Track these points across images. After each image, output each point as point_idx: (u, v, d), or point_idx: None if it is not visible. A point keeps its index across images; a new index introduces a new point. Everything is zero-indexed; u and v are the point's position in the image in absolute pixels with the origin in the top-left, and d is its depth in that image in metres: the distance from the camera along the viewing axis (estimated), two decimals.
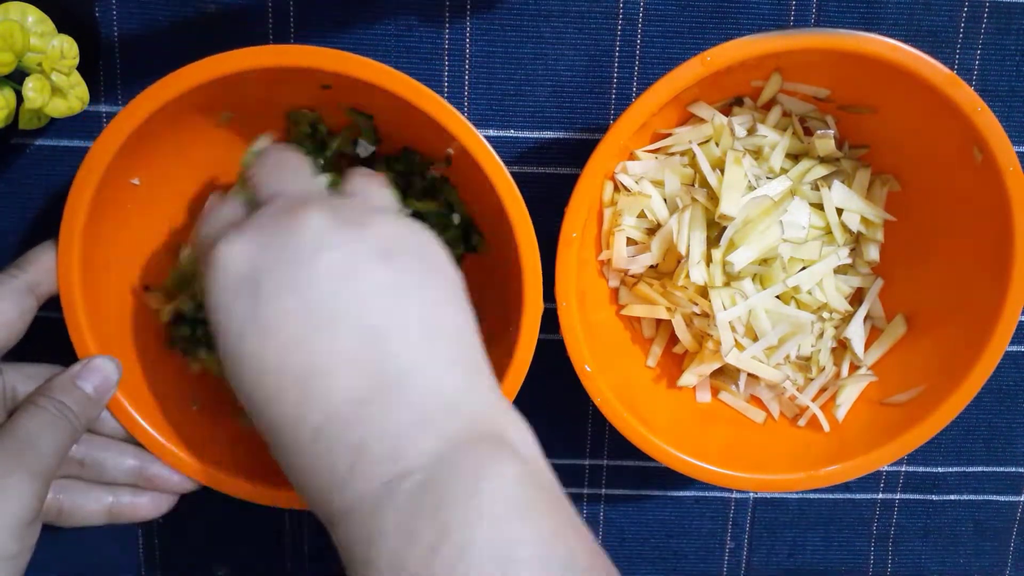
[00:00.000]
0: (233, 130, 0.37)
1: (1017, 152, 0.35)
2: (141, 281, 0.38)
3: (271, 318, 0.27)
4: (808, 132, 0.39)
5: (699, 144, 0.38)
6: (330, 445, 0.26)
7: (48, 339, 0.36)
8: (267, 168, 0.32)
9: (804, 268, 0.38)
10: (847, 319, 0.40)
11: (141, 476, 0.36)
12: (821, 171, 0.38)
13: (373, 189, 0.32)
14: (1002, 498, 0.47)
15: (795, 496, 0.46)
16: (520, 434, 0.27)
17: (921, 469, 0.46)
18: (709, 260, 0.37)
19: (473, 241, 0.40)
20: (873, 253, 0.40)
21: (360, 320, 0.27)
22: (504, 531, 0.24)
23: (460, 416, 0.26)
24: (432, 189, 0.39)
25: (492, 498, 0.24)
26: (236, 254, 0.28)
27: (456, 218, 0.39)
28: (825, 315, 0.39)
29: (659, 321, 0.41)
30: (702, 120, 0.38)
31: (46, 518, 0.35)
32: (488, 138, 0.34)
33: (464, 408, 0.27)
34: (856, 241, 0.40)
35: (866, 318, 0.41)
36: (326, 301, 0.27)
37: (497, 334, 0.37)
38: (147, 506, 0.37)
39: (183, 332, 0.39)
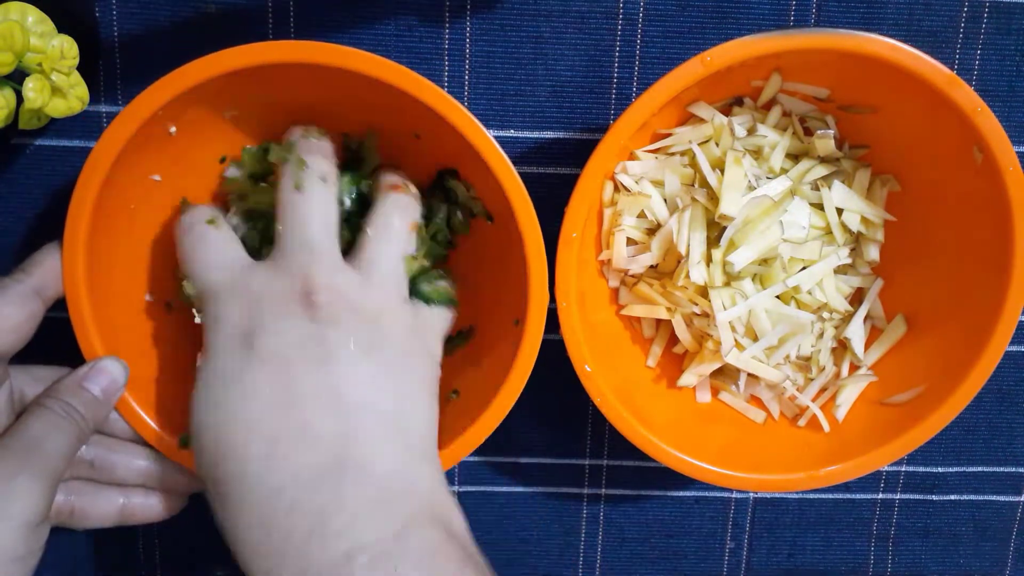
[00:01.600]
0: (239, 128, 0.37)
1: (1017, 152, 0.35)
2: (147, 281, 0.38)
3: (257, 378, 0.31)
4: (808, 132, 0.39)
5: (699, 144, 0.38)
6: (291, 507, 0.28)
7: (56, 340, 0.36)
8: (291, 221, 0.33)
9: (804, 268, 0.38)
10: (847, 319, 0.40)
11: (152, 477, 0.36)
12: (821, 171, 0.38)
13: (387, 267, 0.34)
14: (1002, 498, 0.47)
15: (795, 496, 0.46)
16: (458, 517, 0.31)
17: (921, 469, 0.46)
18: (709, 260, 0.37)
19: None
20: (873, 253, 0.40)
21: (339, 402, 0.30)
22: None
23: (415, 499, 0.30)
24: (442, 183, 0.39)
25: None
26: (236, 314, 0.32)
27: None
28: (825, 315, 0.39)
29: (659, 321, 0.41)
30: (702, 120, 0.38)
31: (58, 520, 0.35)
32: None
33: (418, 492, 0.30)
34: (856, 241, 0.40)
35: (866, 318, 0.41)
36: (311, 379, 0.31)
37: (499, 332, 0.37)
38: (158, 507, 0.37)
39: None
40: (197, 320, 0.34)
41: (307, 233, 0.33)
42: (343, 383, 0.31)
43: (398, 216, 0.34)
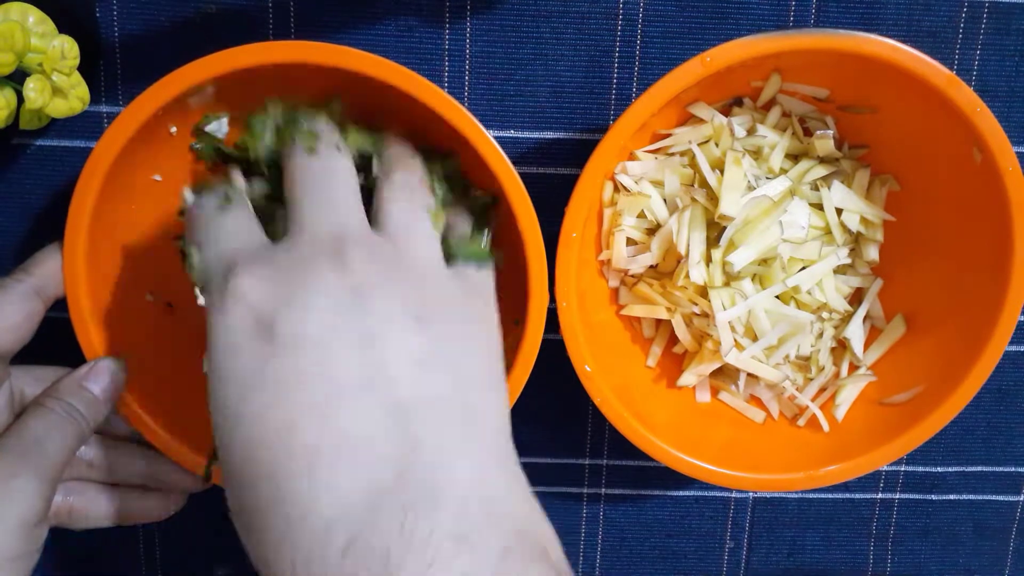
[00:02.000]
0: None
1: (1016, 153, 0.35)
2: (148, 281, 0.38)
3: (285, 374, 0.24)
4: (808, 132, 0.39)
5: (699, 144, 0.38)
6: (348, 546, 0.22)
7: (56, 340, 0.36)
8: (311, 187, 0.28)
9: (804, 268, 0.38)
10: (847, 319, 0.40)
11: (150, 477, 0.36)
12: (821, 171, 0.38)
13: (416, 225, 0.29)
14: (1002, 498, 0.47)
15: (795, 496, 0.46)
16: (555, 540, 0.24)
17: (921, 469, 0.46)
18: (709, 260, 0.37)
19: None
20: (873, 253, 0.40)
21: (392, 393, 0.24)
22: None
23: (503, 524, 0.23)
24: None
25: None
26: (255, 289, 0.25)
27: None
28: (825, 315, 0.39)
29: (659, 321, 0.41)
30: (702, 120, 0.38)
31: (56, 520, 0.35)
32: None
33: (506, 512, 0.23)
34: (856, 241, 0.40)
35: (866, 318, 0.41)
36: (354, 365, 0.24)
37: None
38: (157, 507, 0.37)
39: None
40: (200, 301, 0.28)
41: (330, 194, 0.28)
42: (394, 366, 0.24)
43: (408, 171, 0.31)
